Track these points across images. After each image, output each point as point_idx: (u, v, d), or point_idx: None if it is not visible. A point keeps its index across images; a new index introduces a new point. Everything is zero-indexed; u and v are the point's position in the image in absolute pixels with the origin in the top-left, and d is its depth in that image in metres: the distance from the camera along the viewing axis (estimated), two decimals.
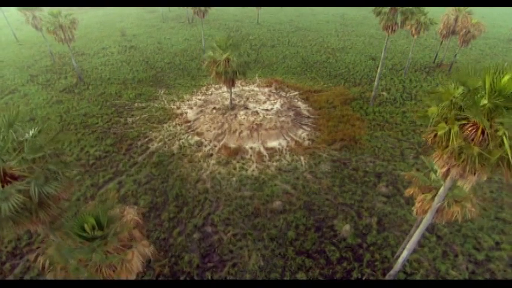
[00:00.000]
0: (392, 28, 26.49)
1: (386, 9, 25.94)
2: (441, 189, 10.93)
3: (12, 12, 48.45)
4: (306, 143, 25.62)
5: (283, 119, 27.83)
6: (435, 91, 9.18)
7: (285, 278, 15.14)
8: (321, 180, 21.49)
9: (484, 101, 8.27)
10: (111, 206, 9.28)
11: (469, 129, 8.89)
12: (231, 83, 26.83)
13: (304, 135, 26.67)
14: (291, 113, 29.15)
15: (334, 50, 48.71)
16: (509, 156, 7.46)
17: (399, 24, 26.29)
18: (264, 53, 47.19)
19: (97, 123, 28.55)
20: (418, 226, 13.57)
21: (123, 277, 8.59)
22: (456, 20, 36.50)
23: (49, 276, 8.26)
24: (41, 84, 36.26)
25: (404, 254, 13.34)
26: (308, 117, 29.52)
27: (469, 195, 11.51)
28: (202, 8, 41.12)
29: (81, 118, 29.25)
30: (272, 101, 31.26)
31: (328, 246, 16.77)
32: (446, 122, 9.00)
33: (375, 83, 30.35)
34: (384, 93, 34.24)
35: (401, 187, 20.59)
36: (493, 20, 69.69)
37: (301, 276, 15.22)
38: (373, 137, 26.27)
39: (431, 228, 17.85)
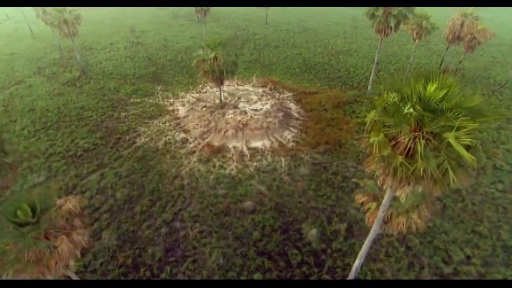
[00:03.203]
0: (385, 31, 25.96)
1: (380, 12, 25.42)
2: (385, 198, 10.73)
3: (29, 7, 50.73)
4: (290, 144, 25.50)
5: (270, 119, 27.83)
6: (369, 97, 9.03)
7: (242, 278, 15.24)
8: (297, 183, 21.37)
9: (410, 109, 8.09)
10: (50, 195, 9.71)
11: (402, 138, 8.73)
12: (219, 82, 27.10)
13: (289, 136, 26.55)
14: (280, 114, 29.08)
15: (337, 52, 48.01)
16: (419, 167, 7.26)
17: (393, 27, 25.71)
18: (265, 53, 47.16)
19: (91, 116, 29.57)
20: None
21: (52, 263, 9.00)
22: (462, 25, 35.17)
23: None
24: (46, 77, 37.89)
25: (356, 262, 13.14)
26: (297, 119, 29.34)
27: (419, 206, 11.20)
28: (204, 7, 41.59)
29: (78, 111, 30.37)
30: (263, 102, 31.29)
31: (291, 249, 16.72)
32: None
33: (368, 87, 29.75)
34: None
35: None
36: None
37: (258, 277, 15.27)
38: (359, 141, 25.74)
39: (401, 239, 17.45)
